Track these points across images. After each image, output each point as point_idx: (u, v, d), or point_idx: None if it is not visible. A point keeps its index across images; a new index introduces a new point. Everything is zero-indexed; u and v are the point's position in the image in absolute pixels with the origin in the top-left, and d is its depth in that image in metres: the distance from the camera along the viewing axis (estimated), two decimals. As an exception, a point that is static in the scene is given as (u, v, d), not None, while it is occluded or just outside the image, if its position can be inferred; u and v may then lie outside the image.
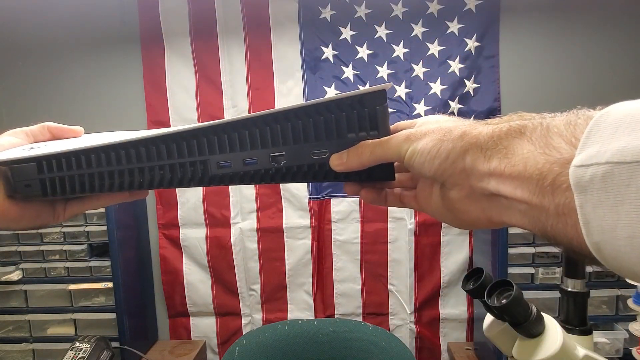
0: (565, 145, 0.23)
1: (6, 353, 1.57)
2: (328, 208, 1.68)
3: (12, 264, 1.55)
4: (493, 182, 0.27)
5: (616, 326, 1.37)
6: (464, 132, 0.29)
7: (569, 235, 0.22)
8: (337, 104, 0.35)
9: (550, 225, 0.24)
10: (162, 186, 0.40)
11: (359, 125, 0.35)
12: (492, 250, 1.43)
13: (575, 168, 0.21)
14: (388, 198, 0.40)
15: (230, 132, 0.37)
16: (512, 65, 1.60)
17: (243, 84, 1.66)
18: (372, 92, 0.34)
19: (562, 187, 0.22)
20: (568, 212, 0.22)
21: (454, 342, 1.68)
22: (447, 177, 0.30)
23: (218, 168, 0.38)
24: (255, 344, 1.04)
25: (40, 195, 0.40)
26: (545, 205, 0.23)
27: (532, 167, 0.24)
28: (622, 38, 1.57)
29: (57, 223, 0.46)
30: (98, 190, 0.40)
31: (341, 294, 1.71)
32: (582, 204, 0.21)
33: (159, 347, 1.72)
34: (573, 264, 0.71)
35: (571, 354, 0.53)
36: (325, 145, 0.36)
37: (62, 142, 0.45)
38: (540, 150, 0.24)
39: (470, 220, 0.31)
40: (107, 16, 1.67)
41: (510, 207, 0.27)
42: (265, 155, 0.37)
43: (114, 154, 0.39)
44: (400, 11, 1.59)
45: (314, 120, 0.35)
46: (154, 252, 1.76)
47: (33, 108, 1.74)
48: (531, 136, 0.25)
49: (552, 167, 0.23)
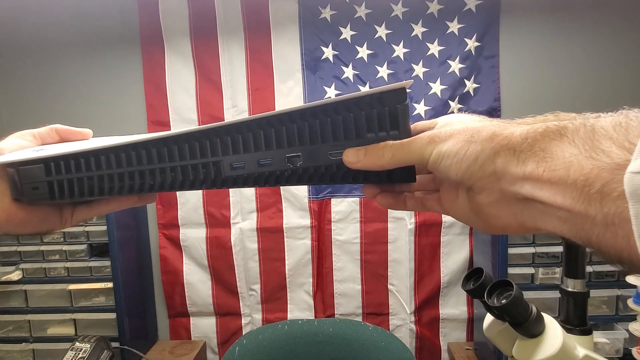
0: (617, 150, 0.21)
1: (6, 353, 1.57)
2: (328, 208, 1.68)
3: (12, 264, 1.55)
4: (528, 186, 0.25)
5: (616, 326, 1.37)
6: (493, 132, 0.27)
7: (618, 247, 0.21)
8: (356, 102, 0.33)
9: (596, 235, 0.22)
10: (174, 189, 0.38)
11: (379, 125, 0.33)
12: (492, 250, 1.43)
13: (632, 175, 0.19)
14: (408, 202, 0.38)
15: (244, 132, 0.36)
16: (512, 65, 1.60)
17: (243, 84, 1.66)
18: (393, 89, 0.32)
19: (612, 195, 0.20)
20: (619, 222, 0.20)
21: (454, 342, 1.68)
22: (475, 180, 0.28)
23: (231, 169, 0.37)
24: (255, 344, 1.04)
25: (47, 199, 0.39)
26: (591, 214, 0.22)
27: (576, 172, 0.22)
28: (622, 38, 1.57)
29: (64, 228, 0.44)
30: (107, 193, 0.39)
31: (341, 294, 1.71)
32: (638, 213, 0.19)
33: (159, 347, 1.72)
34: (573, 264, 0.71)
35: (571, 354, 0.53)
36: (344, 146, 0.34)
37: (70, 145, 0.44)
38: (587, 154, 0.22)
39: (501, 225, 0.30)
40: (107, 16, 1.67)
41: (547, 213, 0.25)
42: (280, 156, 0.35)
43: (124, 155, 0.38)
44: (400, 11, 1.59)
45: (331, 120, 0.34)
46: (154, 252, 1.76)
47: (33, 108, 1.74)
48: (573, 138, 0.23)
49: (601, 173, 0.21)
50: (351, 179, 0.36)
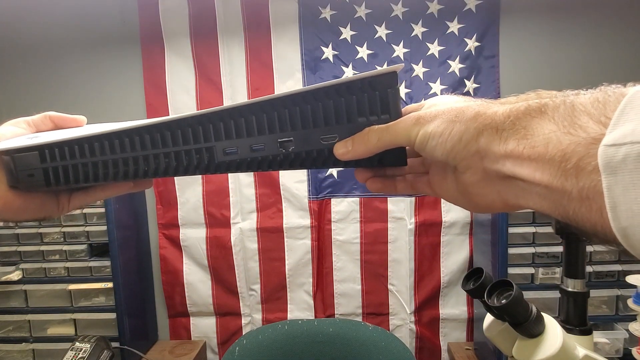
0: (594, 125, 0.21)
1: (6, 353, 1.57)
2: (328, 208, 1.68)
3: (12, 264, 1.55)
4: (509, 164, 0.25)
5: (616, 326, 1.37)
6: (477, 112, 0.27)
7: (593, 220, 0.21)
8: (347, 87, 0.33)
9: (572, 209, 0.22)
10: (168, 174, 0.38)
11: (370, 109, 0.33)
12: (492, 250, 1.43)
13: (606, 147, 0.19)
14: (398, 185, 0.38)
15: (236, 118, 0.36)
16: (512, 65, 1.60)
17: (243, 84, 1.66)
18: (383, 73, 0.33)
19: (587, 169, 0.20)
20: (593, 195, 0.20)
21: (454, 342, 1.68)
22: (460, 160, 0.28)
23: (224, 155, 0.37)
24: (255, 344, 1.04)
25: (43, 186, 0.39)
26: (568, 189, 0.22)
27: (554, 148, 0.22)
28: (622, 38, 1.57)
29: (61, 214, 0.44)
30: (102, 179, 0.39)
31: (341, 294, 1.71)
32: (610, 186, 0.19)
33: (159, 347, 1.72)
34: (573, 264, 0.71)
35: (571, 354, 0.53)
36: (335, 130, 0.34)
37: (65, 132, 0.44)
38: (564, 130, 0.22)
39: (485, 203, 0.30)
40: (107, 16, 1.67)
41: (527, 190, 0.25)
42: (273, 141, 0.36)
43: (118, 142, 0.38)
44: (400, 11, 1.59)
45: (323, 104, 0.34)
46: (154, 252, 1.76)
47: (33, 108, 1.72)
48: (553, 115, 0.23)
49: (577, 148, 0.21)
50: (343, 164, 0.36)
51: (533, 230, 1.40)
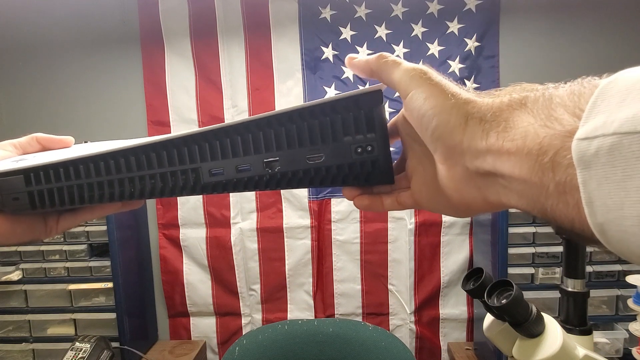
0: (569, 117, 0.21)
1: (6, 353, 1.57)
2: (328, 208, 1.68)
3: (12, 264, 1.55)
4: (490, 159, 0.24)
5: (616, 326, 1.37)
6: (468, 98, 0.27)
7: (570, 217, 0.20)
8: (332, 106, 0.33)
9: (550, 206, 0.21)
10: (154, 196, 0.38)
11: (356, 128, 0.34)
12: (492, 250, 1.43)
13: (579, 141, 0.19)
14: (385, 202, 0.38)
15: (221, 138, 0.36)
16: (512, 65, 1.60)
17: (243, 84, 1.66)
18: (368, 92, 0.33)
19: (563, 164, 0.20)
20: (569, 190, 0.20)
21: (454, 342, 1.68)
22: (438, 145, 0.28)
23: (210, 176, 0.37)
24: (255, 344, 1.04)
25: (29, 209, 0.39)
26: (545, 184, 0.21)
27: (531, 141, 0.22)
28: (622, 38, 1.57)
29: (50, 237, 0.44)
30: (88, 201, 0.39)
31: (341, 294, 1.71)
32: (585, 180, 0.19)
33: (159, 347, 1.72)
34: (573, 264, 0.72)
35: (571, 354, 0.53)
36: (321, 150, 0.34)
37: (52, 153, 0.44)
38: (541, 123, 0.22)
39: (466, 202, 0.29)
40: (107, 16, 1.67)
41: (508, 187, 0.24)
42: (258, 161, 0.36)
43: (103, 164, 0.38)
44: (400, 11, 1.59)
45: (308, 124, 0.34)
46: (154, 252, 1.76)
47: (33, 108, 1.74)
48: (532, 108, 0.23)
49: (552, 141, 0.21)
50: (329, 182, 0.36)
51: (533, 230, 1.40)
